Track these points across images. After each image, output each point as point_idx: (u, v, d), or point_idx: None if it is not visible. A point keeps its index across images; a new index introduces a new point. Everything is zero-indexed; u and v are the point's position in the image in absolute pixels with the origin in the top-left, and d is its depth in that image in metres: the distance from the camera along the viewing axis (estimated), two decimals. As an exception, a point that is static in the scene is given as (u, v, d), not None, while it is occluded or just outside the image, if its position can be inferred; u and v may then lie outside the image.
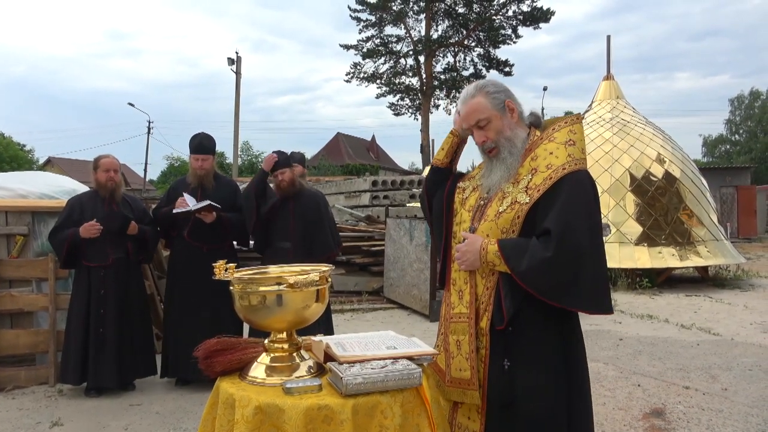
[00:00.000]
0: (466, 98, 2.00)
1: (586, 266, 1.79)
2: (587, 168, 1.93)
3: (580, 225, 1.79)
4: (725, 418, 3.79)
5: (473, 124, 1.98)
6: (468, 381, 1.91)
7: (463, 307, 1.94)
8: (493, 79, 2.06)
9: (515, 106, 1.98)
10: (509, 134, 1.95)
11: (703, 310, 7.73)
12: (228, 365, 1.83)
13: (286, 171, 4.51)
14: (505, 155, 1.95)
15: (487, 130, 1.96)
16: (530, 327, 1.86)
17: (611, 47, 11.92)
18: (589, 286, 1.80)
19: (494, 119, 1.95)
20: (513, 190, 1.90)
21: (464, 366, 1.91)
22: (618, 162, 10.44)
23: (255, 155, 42.46)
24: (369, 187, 12.13)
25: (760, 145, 43.97)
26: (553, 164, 1.86)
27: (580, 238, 1.78)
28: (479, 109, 1.96)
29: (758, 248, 17.13)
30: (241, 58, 25.78)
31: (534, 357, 1.85)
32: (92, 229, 4.18)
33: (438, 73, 33.33)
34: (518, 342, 1.86)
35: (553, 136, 1.93)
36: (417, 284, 7.54)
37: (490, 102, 1.95)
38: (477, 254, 1.88)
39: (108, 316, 4.27)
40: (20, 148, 45.19)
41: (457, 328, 1.95)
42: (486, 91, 1.97)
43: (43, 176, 6.15)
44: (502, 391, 1.86)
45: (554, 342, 1.88)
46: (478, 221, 1.96)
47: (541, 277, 1.78)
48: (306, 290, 1.76)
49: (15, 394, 4.37)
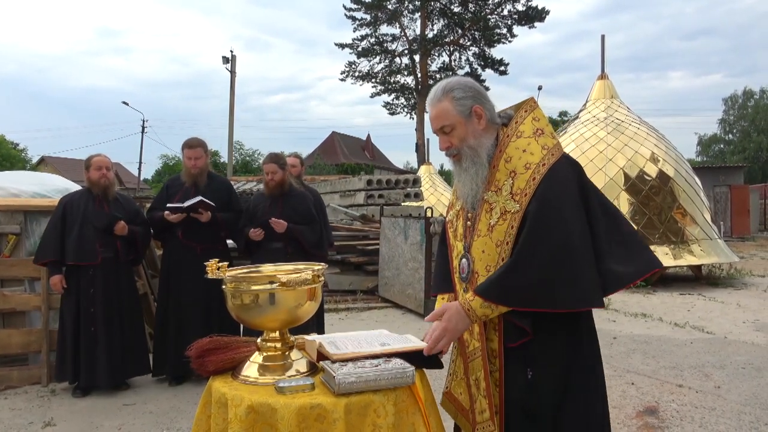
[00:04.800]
0: (432, 101, 1.88)
1: (558, 264, 1.68)
2: (563, 150, 1.82)
3: (549, 222, 1.69)
4: (718, 416, 3.81)
5: (437, 129, 1.88)
6: (488, 422, 1.79)
7: (476, 341, 1.83)
8: (464, 80, 1.89)
9: (483, 112, 1.85)
10: (473, 142, 1.84)
11: (697, 309, 7.77)
12: (220, 364, 1.82)
13: (278, 171, 4.50)
14: (468, 165, 1.85)
15: (451, 136, 1.86)
16: (545, 332, 1.75)
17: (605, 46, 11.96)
18: (567, 283, 1.68)
19: (458, 126, 1.84)
20: (498, 199, 1.80)
21: (484, 406, 1.80)
22: (612, 161, 10.48)
23: (249, 153, 42.31)
24: (364, 186, 12.11)
25: (753, 144, 44.18)
26: (531, 162, 1.77)
27: (554, 241, 1.67)
28: (443, 115, 1.85)
29: (751, 247, 17.22)
30: (235, 56, 25.75)
31: (555, 361, 1.76)
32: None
33: (433, 72, 33.33)
34: (537, 349, 1.76)
35: (519, 130, 1.83)
36: (412, 283, 7.54)
37: (455, 108, 1.84)
38: (462, 320, 1.75)
39: (98, 315, 4.25)
40: (13, 147, 44.92)
41: (475, 366, 1.84)
42: (452, 96, 1.84)
43: (36, 175, 6.12)
44: (528, 403, 1.76)
45: (573, 343, 1.79)
46: (470, 238, 1.87)
47: (513, 292, 1.69)
48: (298, 289, 1.75)
49: (7, 394, 4.34)
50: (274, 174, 4.50)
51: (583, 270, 1.70)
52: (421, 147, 31.99)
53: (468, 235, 1.89)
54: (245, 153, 41.98)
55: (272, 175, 4.50)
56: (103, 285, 4.30)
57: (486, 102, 1.88)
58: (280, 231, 4.39)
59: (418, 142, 32.67)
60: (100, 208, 4.37)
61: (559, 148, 1.81)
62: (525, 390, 1.76)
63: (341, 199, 12.62)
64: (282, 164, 4.58)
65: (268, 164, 4.55)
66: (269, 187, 4.53)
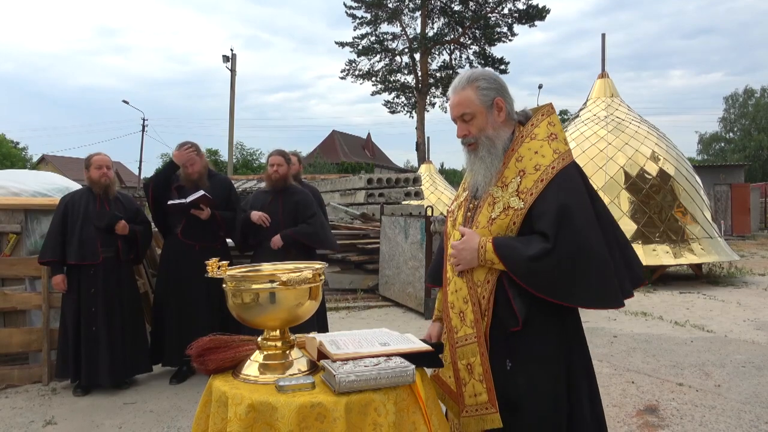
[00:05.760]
0: (456, 88, 1.93)
1: (588, 262, 1.73)
2: (573, 158, 1.89)
3: (577, 223, 1.75)
4: (718, 415, 3.81)
5: (457, 116, 1.93)
6: (485, 404, 1.83)
7: (468, 328, 1.87)
8: (489, 72, 1.94)
9: (504, 105, 1.90)
10: (491, 133, 1.89)
11: (697, 308, 7.76)
12: (221, 363, 1.83)
13: (283, 164, 4.50)
14: (484, 154, 1.89)
15: (470, 125, 1.91)
16: (531, 326, 1.81)
17: (605, 45, 11.95)
18: (594, 282, 1.74)
19: (479, 115, 1.89)
20: (503, 195, 1.84)
21: (479, 389, 1.84)
22: (613, 160, 10.47)
23: (249, 152, 42.30)
24: (364, 185, 12.11)
25: (754, 143, 44.12)
26: (541, 164, 1.82)
27: (578, 235, 1.73)
28: (465, 103, 1.90)
29: (752, 246, 17.21)
30: (236, 55, 25.73)
31: (535, 356, 1.82)
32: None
33: (433, 71, 33.30)
34: (520, 341, 1.81)
35: (534, 132, 1.88)
36: (412, 282, 7.54)
37: (478, 97, 1.89)
38: (475, 252, 1.82)
39: (99, 315, 4.26)
40: (14, 146, 44.93)
41: (466, 351, 1.88)
42: (477, 86, 1.89)
43: (36, 174, 6.12)
44: (505, 392, 1.83)
45: (555, 341, 1.84)
46: (468, 227, 1.91)
47: (540, 276, 1.73)
48: (299, 288, 1.75)
49: (8, 392, 4.35)
50: (280, 166, 4.48)
51: (609, 270, 1.78)
52: (421, 146, 31.98)
53: (466, 224, 1.94)
54: (246, 152, 41.98)
55: (277, 167, 4.48)
56: (104, 284, 4.30)
57: (507, 96, 1.93)
58: (278, 246, 4.34)
59: (419, 140, 32.64)
60: (100, 207, 4.37)
61: (570, 155, 1.86)
62: (503, 379, 1.84)
63: (341, 198, 12.62)
64: (287, 159, 4.58)
65: (274, 156, 4.52)
66: (272, 180, 4.51)
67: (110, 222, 4.29)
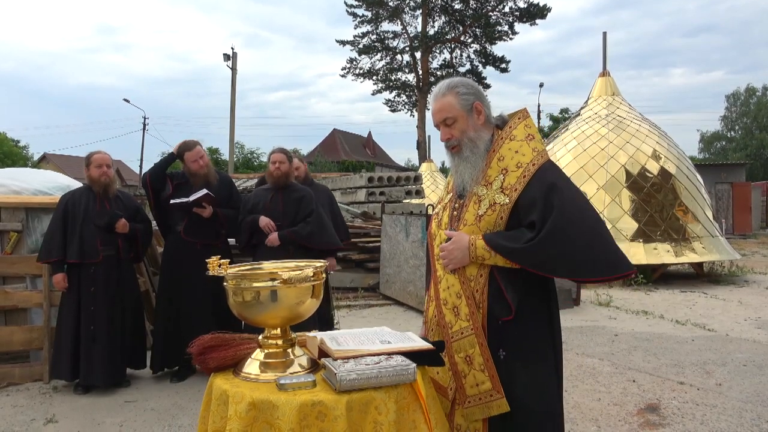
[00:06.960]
0: (437, 95, 2.05)
1: (587, 226, 1.84)
2: (548, 156, 2.01)
3: (567, 194, 1.86)
4: (719, 413, 3.80)
5: (440, 122, 2.05)
6: (490, 391, 1.90)
7: (463, 321, 1.95)
8: (466, 79, 2.09)
9: (483, 109, 2.03)
10: (472, 135, 2.02)
11: (698, 306, 7.76)
12: (222, 361, 1.82)
13: (285, 162, 4.51)
14: (467, 154, 2.01)
15: (453, 128, 2.03)
16: (521, 315, 1.90)
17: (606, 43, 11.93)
18: (598, 247, 1.85)
19: (460, 119, 2.02)
20: (488, 192, 1.95)
21: (481, 378, 1.91)
22: (614, 158, 10.46)
23: (250, 151, 42.26)
24: (365, 184, 12.09)
25: (755, 141, 44.11)
26: (522, 162, 1.94)
27: (571, 204, 1.85)
28: (447, 108, 2.02)
29: (753, 245, 17.20)
30: (236, 53, 25.71)
31: (528, 346, 1.91)
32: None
33: (434, 70, 33.29)
34: (513, 331, 1.90)
35: (513, 134, 2.01)
36: (413, 280, 7.54)
37: (458, 102, 2.01)
38: (465, 251, 1.92)
39: (98, 314, 4.25)
40: (15, 145, 44.96)
41: (463, 344, 1.95)
42: (457, 91, 2.02)
43: (37, 172, 6.12)
44: (500, 380, 1.90)
45: (546, 328, 1.95)
46: (456, 226, 2.00)
47: (535, 253, 1.82)
48: (300, 286, 1.75)
49: (9, 391, 4.35)
50: (282, 164, 4.48)
51: (608, 232, 1.92)
52: (422, 144, 31.98)
53: (453, 223, 2.04)
54: (247, 150, 41.94)
55: (279, 164, 4.48)
56: (104, 283, 4.30)
57: (485, 101, 2.08)
58: (274, 245, 4.34)
59: (420, 139, 32.65)
60: (101, 206, 4.36)
61: (546, 153, 2.02)
62: (498, 368, 1.91)
63: (342, 197, 12.61)
64: (290, 158, 4.59)
65: (276, 153, 4.53)
66: (274, 177, 4.51)
67: (110, 220, 4.28)
